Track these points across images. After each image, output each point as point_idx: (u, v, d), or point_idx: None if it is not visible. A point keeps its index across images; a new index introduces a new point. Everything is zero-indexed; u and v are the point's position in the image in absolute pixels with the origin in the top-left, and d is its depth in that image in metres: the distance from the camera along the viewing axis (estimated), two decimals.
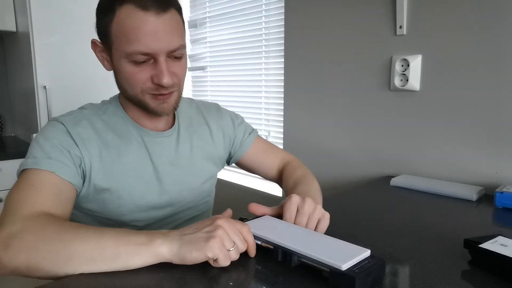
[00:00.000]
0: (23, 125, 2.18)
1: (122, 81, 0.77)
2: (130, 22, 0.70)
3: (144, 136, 0.84)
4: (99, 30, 0.77)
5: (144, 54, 0.71)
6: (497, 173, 1.10)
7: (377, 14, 1.33)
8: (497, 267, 0.60)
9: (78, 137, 0.76)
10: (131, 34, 0.70)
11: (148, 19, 0.70)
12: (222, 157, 1.00)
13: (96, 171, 0.77)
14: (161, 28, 0.71)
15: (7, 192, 0.69)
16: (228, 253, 0.58)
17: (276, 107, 1.82)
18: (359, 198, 1.06)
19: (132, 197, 0.81)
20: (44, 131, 0.76)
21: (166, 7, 0.71)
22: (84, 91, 2.01)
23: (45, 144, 0.72)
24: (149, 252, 0.57)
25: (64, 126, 0.76)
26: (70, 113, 0.81)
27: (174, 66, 0.76)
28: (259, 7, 1.85)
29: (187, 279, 0.57)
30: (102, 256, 0.57)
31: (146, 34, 0.70)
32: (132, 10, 0.70)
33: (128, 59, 0.72)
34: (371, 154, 1.40)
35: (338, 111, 1.49)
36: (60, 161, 0.71)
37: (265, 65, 1.85)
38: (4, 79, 2.31)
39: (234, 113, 1.05)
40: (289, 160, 1.07)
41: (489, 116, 1.11)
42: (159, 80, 0.73)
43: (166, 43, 0.72)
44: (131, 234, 0.59)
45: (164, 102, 0.77)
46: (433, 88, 1.22)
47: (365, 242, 0.73)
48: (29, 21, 1.82)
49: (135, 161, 0.81)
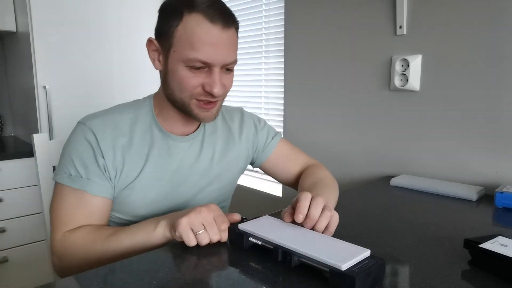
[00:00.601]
0: (23, 125, 2.18)
1: (173, 83, 0.79)
2: (197, 30, 0.74)
3: (168, 140, 0.87)
4: (160, 31, 0.79)
5: (202, 62, 0.75)
6: (497, 173, 1.10)
7: (377, 14, 1.33)
8: (497, 267, 0.60)
9: (103, 142, 0.80)
10: (195, 41, 0.74)
11: (213, 31, 0.74)
12: (243, 164, 1.01)
13: (118, 175, 0.81)
14: (223, 42, 0.76)
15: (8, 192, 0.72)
16: (193, 236, 0.66)
17: (276, 107, 1.82)
18: (359, 198, 1.06)
19: (150, 198, 0.84)
20: (73, 141, 0.81)
21: (230, 24, 0.77)
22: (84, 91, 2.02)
23: (76, 160, 0.79)
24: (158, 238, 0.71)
25: (92, 132, 0.80)
26: (99, 114, 0.84)
27: (225, 78, 0.80)
28: (259, 7, 1.85)
29: (187, 279, 0.57)
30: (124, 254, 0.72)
31: (209, 45, 0.74)
32: (201, 20, 0.74)
33: (186, 64, 0.76)
34: (371, 154, 1.40)
35: (338, 111, 1.49)
36: (91, 180, 0.79)
37: (265, 65, 1.85)
38: (4, 79, 2.31)
39: (257, 117, 1.06)
40: (312, 164, 1.06)
41: (489, 116, 1.11)
42: (211, 89, 0.77)
43: (225, 56, 0.76)
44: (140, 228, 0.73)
45: (208, 110, 0.82)
46: (433, 88, 1.22)
47: (365, 242, 0.73)
48: (29, 21, 1.82)
49: (156, 164, 0.84)
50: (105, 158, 0.79)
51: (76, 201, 0.78)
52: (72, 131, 0.83)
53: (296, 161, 1.06)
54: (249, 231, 0.67)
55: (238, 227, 0.69)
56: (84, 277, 0.58)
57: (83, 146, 0.80)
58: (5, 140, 2.21)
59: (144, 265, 0.62)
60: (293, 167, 1.05)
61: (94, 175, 0.79)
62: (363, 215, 0.91)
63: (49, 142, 1.05)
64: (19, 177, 1.83)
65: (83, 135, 0.80)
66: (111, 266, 0.62)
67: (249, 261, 0.63)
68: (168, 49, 0.78)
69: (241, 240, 0.67)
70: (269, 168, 1.06)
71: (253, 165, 1.07)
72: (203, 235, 0.67)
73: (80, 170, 0.79)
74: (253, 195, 1.89)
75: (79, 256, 0.74)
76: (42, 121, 1.90)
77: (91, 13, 1.97)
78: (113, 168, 0.80)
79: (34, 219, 1.88)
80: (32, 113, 1.95)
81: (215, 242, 0.69)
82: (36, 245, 1.90)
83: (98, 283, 0.56)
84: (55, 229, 0.78)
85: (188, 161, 0.89)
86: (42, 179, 1.03)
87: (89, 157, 0.79)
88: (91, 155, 0.79)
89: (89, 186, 0.78)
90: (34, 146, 1.02)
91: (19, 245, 1.85)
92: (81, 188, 0.78)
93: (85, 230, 0.77)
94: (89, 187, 0.78)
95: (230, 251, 0.67)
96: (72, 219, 0.78)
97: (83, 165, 0.79)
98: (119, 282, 0.56)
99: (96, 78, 2.05)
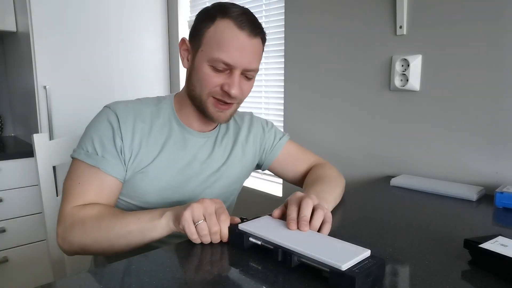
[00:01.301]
0: (23, 125, 2.18)
1: (196, 80, 0.85)
2: (225, 33, 0.80)
3: (185, 133, 0.92)
4: (194, 32, 0.86)
5: (225, 64, 0.81)
6: (497, 173, 1.10)
7: (377, 14, 1.33)
8: (497, 267, 0.60)
9: (124, 126, 0.84)
10: (222, 43, 0.80)
11: (241, 36, 0.80)
12: (250, 165, 1.04)
13: (133, 157, 0.85)
14: (248, 48, 0.81)
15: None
16: (194, 229, 0.68)
17: (276, 107, 1.82)
18: (359, 198, 1.06)
19: (160, 186, 0.88)
20: (96, 121, 0.86)
21: (257, 34, 0.83)
22: (84, 91, 2.02)
23: (95, 138, 0.84)
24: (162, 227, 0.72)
25: (115, 115, 0.85)
26: (125, 101, 0.90)
27: (244, 83, 0.85)
28: (259, 7, 1.85)
29: (187, 279, 0.57)
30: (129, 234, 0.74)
31: (234, 48, 0.80)
32: (230, 25, 0.80)
33: (210, 63, 0.82)
34: (371, 154, 1.40)
35: (338, 111, 1.49)
36: (105, 158, 0.82)
37: (265, 65, 1.85)
38: (4, 79, 2.31)
39: (265, 120, 1.11)
40: (319, 162, 1.09)
41: (489, 116, 1.11)
42: (229, 89, 0.82)
43: (247, 61, 0.82)
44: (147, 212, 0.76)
45: (223, 111, 0.86)
46: (433, 88, 1.22)
47: (365, 242, 0.73)
48: (29, 21, 1.82)
49: (171, 154, 0.88)
50: (123, 140, 0.84)
51: (89, 177, 0.82)
52: (97, 114, 0.88)
53: (303, 161, 1.08)
54: (249, 231, 0.67)
55: (238, 227, 0.69)
56: (84, 277, 0.58)
57: (104, 126, 0.84)
58: (5, 140, 2.21)
59: (144, 266, 0.62)
60: (301, 167, 1.08)
61: (110, 155, 0.83)
62: (363, 215, 0.91)
63: (49, 142, 1.05)
64: (19, 177, 1.83)
65: (106, 117, 0.85)
66: (111, 266, 0.62)
67: (249, 261, 0.63)
68: (197, 48, 0.84)
69: (241, 240, 0.67)
70: (278, 168, 1.08)
71: (262, 168, 1.10)
72: (202, 225, 0.68)
73: (97, 148, 0.83)
74: (253, 195, 1.89)
75: (83, 231, 0.76)
76: (42, 121, 1.91)
77: (91, 13, 1.97)
78: (129, 151, 0.84)
79: (34, 219, 1.89)
80: (32, 113, 1.95)
81: (216, 238, 0.69)
82: (36, 245, 1.90)
83: (98, 283, 0.56)
84: (65, 201, 0.81)
85: (201, 157, 0.93)
86: (42, 179, 1.03)
87: (108, 137, 0.83)
88: (110, 135, 0.83)
89: (103, 164, 0.82)
90: (34, 146, 1.02)
91: (19, 245, 1.85)
92: (95, 164, 0.82)
93: (94, 207, 0.80)
94: (103, 164, 0.82)
95: (230, 251, 0.67)
96: (83, 193, 0.81)
97: (101, 144, 0.83)
98: (119, 282, 0.56)
99: (96, 78, 2.05)
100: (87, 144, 0.84)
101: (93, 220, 0.76)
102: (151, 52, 2.26)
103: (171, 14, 2.33)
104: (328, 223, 0.71)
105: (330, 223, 0.72)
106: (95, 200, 0.82)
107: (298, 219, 0.69)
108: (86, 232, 0.76)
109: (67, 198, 0.81)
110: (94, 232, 0.75)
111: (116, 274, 0.59)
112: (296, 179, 1.09)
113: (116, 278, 0.58)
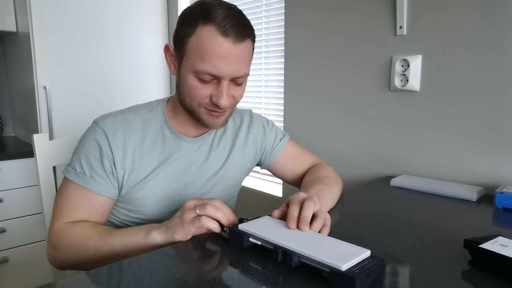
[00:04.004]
0: (23, 126, 2.18)
1: (184, 91, 0.81)
2: (208, 43, 0.74)
3: (179, 141, 0.89)
4: (176, 38, 0.80)
5: (211, 75, 0.76)
6: (497, 173, 1.10)
7: (377, 14, 1.33)
8: (497, 267, 0.60)
9: (114, 144, 0.82)
10: (205, 54, 0.74)
11: (225, 45, 0.74)
12: (250, 165, 1.03)
13: (127, 174, 0.83)
14: (234, 56, 0.75)
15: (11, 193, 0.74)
16: (188, 231, 0.69)
17: (276, 107, 1.82)
18: (359, 198, 1.06)
19: (158, 197, 0.86)
20: (84, 139, 0.84)
21: (244, 37, 0.76)
22: (84, 91, 2.02)
23: (83, 158, 0.82)
24: (148, 245, 0.72)
25: (103, 133, 0.82)
26: (113, 114, 0.87)
27: (234, 90, 0.81)
28: (259, 7, 1.85)
29: (187, 279, 0.57)
30: (116, 256, 0.74)
31: (219, 58, 0.74)
32: (213, 32, 0.73)
33: (195, 75, 0.77)
34: (371, 154, 1.40)
35: (338, 111, 1.49)
36: (94, 178, 0.81)
37: (265, 65, 1.85)
38: (4, 79, 2.31)
39: (266, 119, 1.08)
40: (317, 163, 1.09)
41: (489, 116, 1.11)
42: (217, 100, 0.78)
43: (234, 70, 0.76)
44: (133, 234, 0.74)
45: (217, 118, 0.83)
46: (433, 89, 1.22)
47: (365, 242, 0.73)
48: (29, 21, 1.82)
49: (166, 164, 0.86)
50: (114, 158, 0.82)
51: (78, 196, 0.81)
52: (87, 129, 0.86)
53: (303, 161, 1.08)
54: (249, 231, 0.67)
55: (238, 227, 0.69)
56: (84, 277, 0.58)
57: (91, 146, 0.82)
58: (5, 140, 2.21)
59: (144, 266, 0.62)
60: (300, 168, 1.07)
61: (98, 175, 0.82)
62: (363, 215, 0.91)
63: (49, 142, 1.05)
64: (19, 177, 1.83)
65: (93, 135, 0.83)
66: (111, 267, 0.62)
67: (249, 261, 0.63)
68: (181, 57, 0.79)
69: (241, 240, 0.67)
70: (277, 169, 1.07)
71: (261, 167, 1.08)
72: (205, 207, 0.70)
73: (85, 168, 0.82)
74: (253, 195, 1.89)
75: (71, 251, 0.77)
76: (42, 121, 1.91)
77: (91, 13, 1.97)
78: (121, 168, 0.82)
79: (34, 219, 1.89)
80: (32, 113, 1.95)
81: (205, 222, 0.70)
82: (36, 245, 1.90)
83: (98, 283, 0.56)
84: (55, 218, 0.81)
85: (197, 162, 0.91)
86: (42, 179, 1.03)
87: (95, 157, 0.82)
88: (98, 155, 0.82)
89: (92, 184, 0.81)
90: (34, 146, 1.02)
91: (19, 245, 1.85)
92: (83, 185, 0.81)
93: (82, 225, 0.79)
94: (92, 185, 0.81)
95: (230, 251, 0.67)
96: (72, 211, 0.81)
97: (88, 164, 0.82)
98: (119, 282, 0.56)
99: (96, 78, 2.05)
100: (75, 163, 0.83)
101: (80, 241, 0.76)
102: (151, 52, 2.26)
103: (171, 14, 2.33)
104: (327, 227, 0.71)
105: (329, 226, 0.72)
106: (85, 218, 0.81)
107: (298, 219, 0.69)
108: (74, 253, 0.77)
109: (57, 215, 0.81)
110: (82, 252, 0.76)
111: (116, 275, 0.59)
112: (294, 180, 1.08)
113: (116, 278, 0.58)
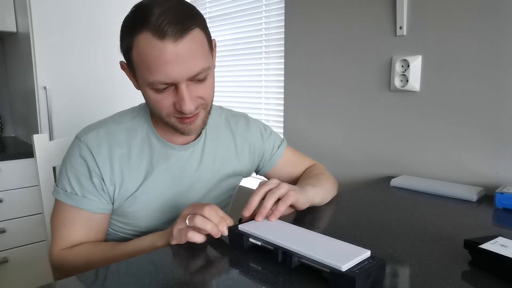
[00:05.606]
0: (23, 126, 2.18)
1: (149, 105, 0.78)
2: (148, 52, 0.67)
3: (168, 149, 0.85)
4: (123, 54, 0.75)
5: (164, 83, 0.70)
6: (497, 173, 1.10)
7: (377, 14, 1.33)
8: (497, 267, 0.60)
9: (100, 159, 0.79)
10: (150, 64, 0.68)
11: (165, 47, 0.66)
12: (245, 171, 1.00)
13: (118, 188, 0.81)
14: (180, 55, 0.67)
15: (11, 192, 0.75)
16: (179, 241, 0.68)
17: (276, 107, 1.82)
18: (359, 198, 1.06)
19: (151, 209, 0.84)
20: (69, 156, 0.81)
21: (184, 31, 0.67)
22: (84, 92, 2.02)
23: (71, 176, 0.79)
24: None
25: (87, 148, 0.79)
26: (95, 126, 0.83)
27: (197, 89, 0.73)
28: (259, 7, 1.85)
29: (187, 280, 0.57)
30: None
31: (164, 64, 0.67)
32: (150, 39, 0.66)
33: (150, 87, 0.71)
34: (371, 154, 1.40)
35: (338, 111, 1.49)
36: (86, 197, 0.79)
37: (265, 65, 1.85)
38: (4, 80, 2.31)
39: (262, 124, 1.04)
40: (312, 165, 1.09)
41: (489, 116, 1.11)
42: (180, 107, 0.72)
43: (186, 70, 0.69)
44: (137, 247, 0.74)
45: (191, 124, 0.77)
46: (433, 89, 1.22)
47: (365, 242, 0.73)
48: (29, 21, 1.82)
49: (156, 174, 0.83)
50: (102, 174, 0.79)
51: (73, 218, 0.79)
52: (69, 146, 0.82)
53: (300, 166, 1.08)
54: (249, 232, 0.67)
55: (238, 227, 0.69)
56: (84, 278, 0.58)
57: (78, 163, 0.79)
58: (5, 140, 2.21)
59: (144, 266, 0.62)
60: (297, 172, 1.07)
61: (89, 193, 0.79)
62: (363, 215, 0.91)
63: (49, 143, 1.05)
64: (19, 178, 1.83)
65: (78, 152, 0.79)
66: (111, 267, 0.62)
67: (249, 262, 0.63)
68: (133, 72, 0.74)
69: (241, 240, 0.67)
70: (275, 175, 1.05)
71: (257, 173, 1.07)
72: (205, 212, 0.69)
73: (75, 187, 0.79)
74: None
75: (77, 271, 0.74)
76: (42, 122, 1.90)
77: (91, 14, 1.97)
78: (111, 183, 0.80)
79: (34, 220, 1.89)
80: (32, 113, 1.95)
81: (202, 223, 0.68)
82: (36, 245, 1.90)
83: (98, 283, 0.56)
84: (53, 243, 0.80)
85: (189, 170, 0.87)
86: (42, 180, 1.03)
87: (84, 174, 0.79)
88: (86, 173, 0.79)
89: (85, 204, 0.79)
90: (34, 146, 1.02)
91: (19, 245, 1.85)
92: (76, 205, 0.79)
93: (83, 248, 0.78)
94: (85, 204, 0.79)
95: (230, 252, 0.67)
96: (70, 235, 0.79)
97: (78, 182, 0.79)
98: (119, 283, 0.56)
99: (96, 78, 2.05)
100: (65, 183, 0.79)
101: (85, 262, 0.75)
102: None
103: None
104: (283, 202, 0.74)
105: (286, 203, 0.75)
106: (83, 239, 0.79)
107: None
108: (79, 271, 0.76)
109: (55, 240, 0.80)
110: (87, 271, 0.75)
111: (116, 275, 0.59)
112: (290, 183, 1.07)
113: (116, 278, 0.58)
